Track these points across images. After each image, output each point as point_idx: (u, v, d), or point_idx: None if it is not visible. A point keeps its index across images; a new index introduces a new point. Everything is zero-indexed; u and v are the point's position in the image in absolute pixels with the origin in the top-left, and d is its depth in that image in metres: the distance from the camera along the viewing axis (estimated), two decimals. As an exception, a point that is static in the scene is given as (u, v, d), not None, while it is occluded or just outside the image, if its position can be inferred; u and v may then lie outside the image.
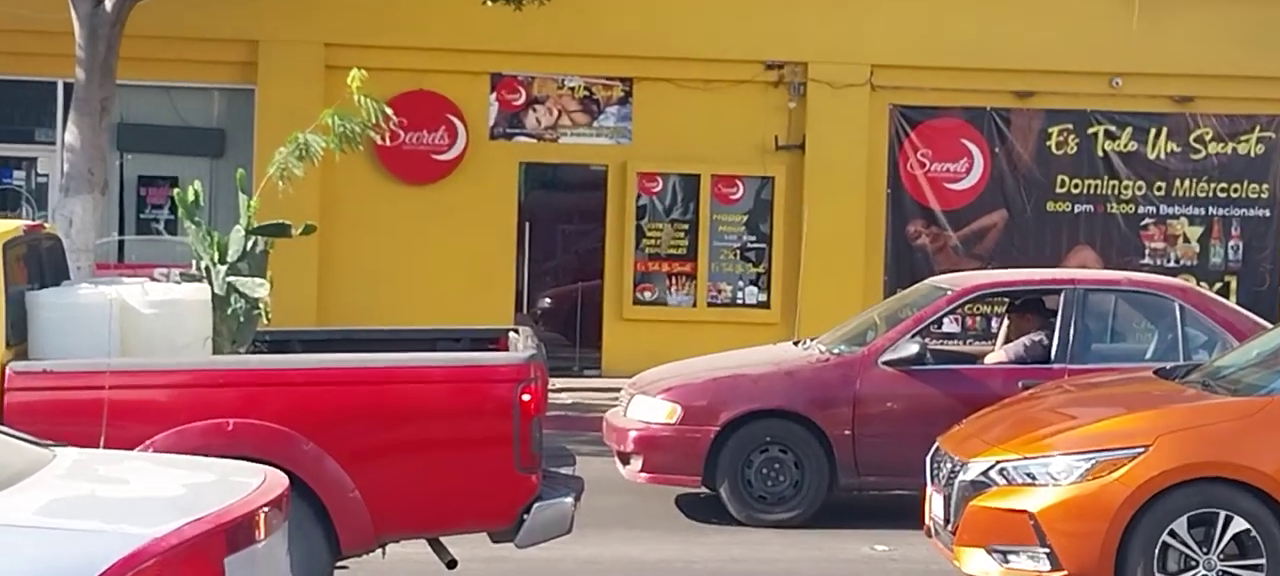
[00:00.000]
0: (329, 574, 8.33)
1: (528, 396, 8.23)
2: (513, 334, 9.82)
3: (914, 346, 12.15)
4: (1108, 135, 20.25)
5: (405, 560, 9.45)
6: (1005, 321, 13.44)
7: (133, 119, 19.74)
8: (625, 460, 12.43)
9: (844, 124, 19.87)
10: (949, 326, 18.11)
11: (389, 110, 10.14)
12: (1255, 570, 8.67)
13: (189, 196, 9.58)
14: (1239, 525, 8.63)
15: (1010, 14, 19.93)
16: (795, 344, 13.41)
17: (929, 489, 9.64)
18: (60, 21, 16.27)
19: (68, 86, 17.18)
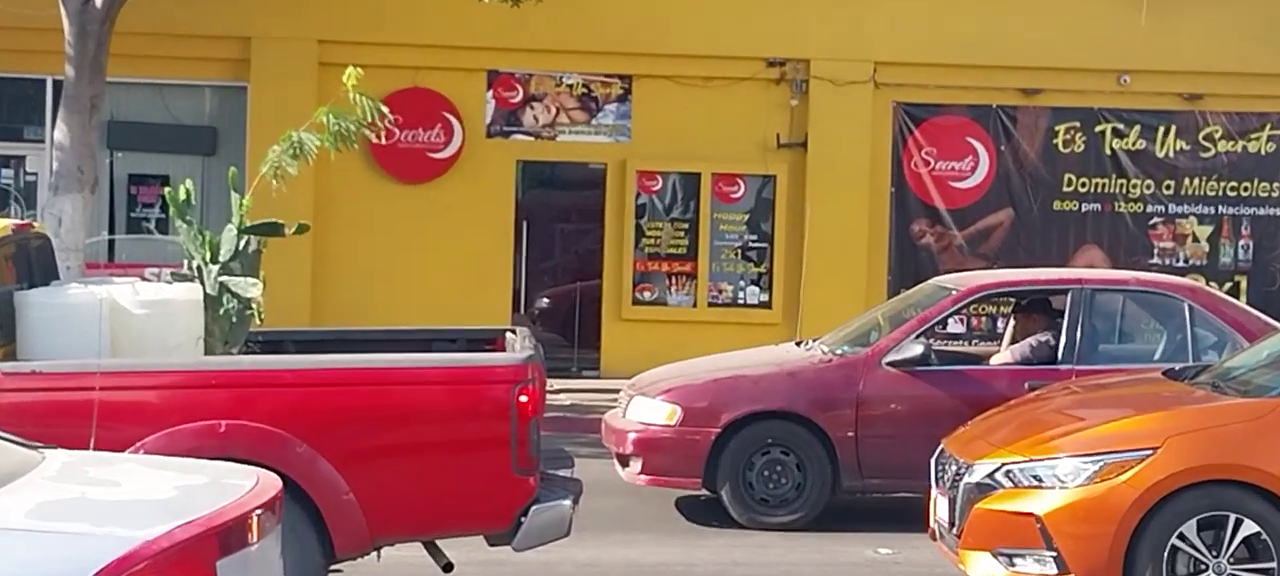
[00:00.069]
0: (323, 578, 8.31)
1: (525, 398, 8.18)
2: (510, 334, 9.78)
3: (918, 347, 12.09)
4: (1115, 133, 20.20)
5: (400, 564, 9.39)
6: (1011, 322, 13.39)
7: (123, 116, 19.72)
8: (624, 462, 12.37)
9: (847, 122, 19.83)
10: (954, 327, 18.19)
11: (385, 108, 10.08)
12: (1266, 574, 8.62)
13: (180, 195, 9.55)
14: (1249, 528, 8.58)
15: (1016, 9, 19.93)
16: (797, 344, 13.41)
17: (934, 491, 9.59)
18: (49, 18, 16.21)
19: (57, 83, 17.25)
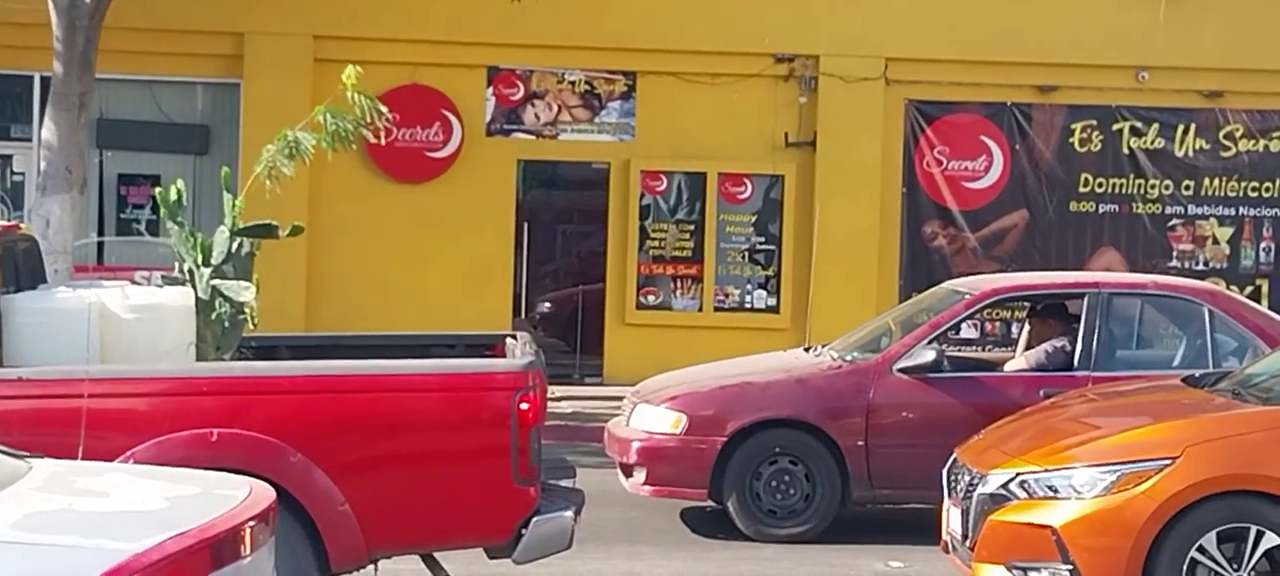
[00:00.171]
0: (318, 590, 8.28)
1: (526, 405, 8.14)
2: (510, 340, 9.74)
3: (930, 353, 12.03)
4: (1133, 132, 20.12)
5: (398, 577, 9.34)
6: (1026, 327, 13.32)
7: (113, 114, 19.65)
8: (628, 472, 12.31)
9: (857, 120, 19.77)
10: (967, 332, 18.21)
11: (384, 108, 10.08)
12: (1288, 587, 8.63)
13: (171, 195, 9.53)
14: (1271, 540, 8.54)
15: (1031, 4, 19.90)
16: (806, 350, 13.38)
17: (946, 502, 9.55)
18: (37, 13, 16.20)
19: (45, 81, 17.17)
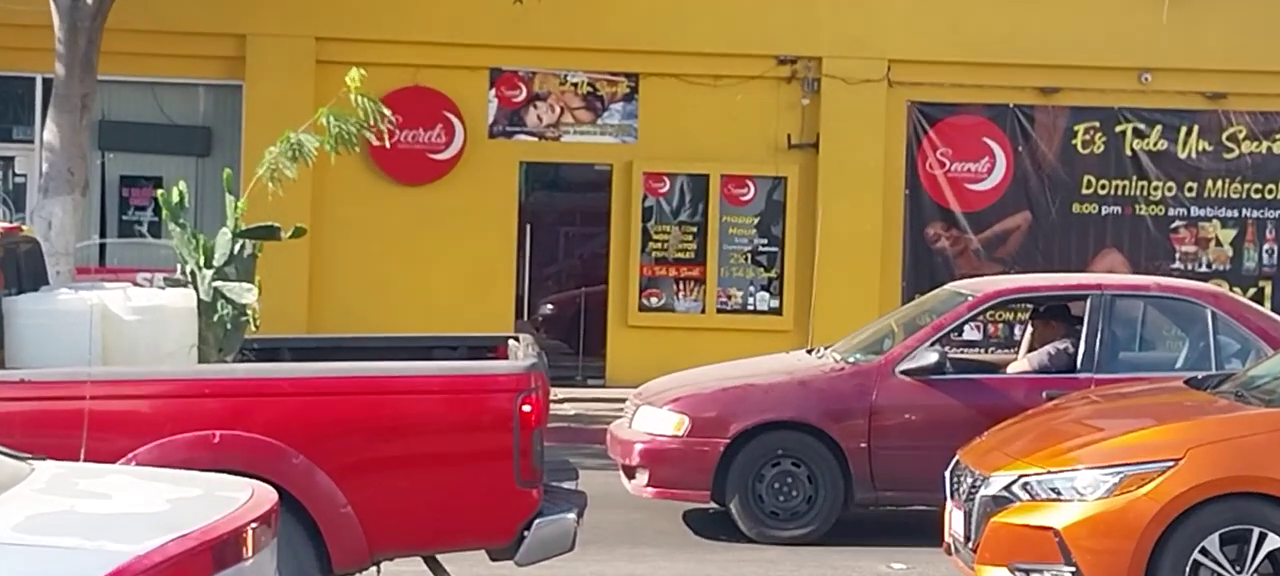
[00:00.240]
0: (321, 592, 8.27)
1: (528, 407, 8.14)
2: (513, 342, 9.72)
3: (933, 355, 12.01)
4: (1136, 133, 20.09)
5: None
6: (1029, 329, 13.29)
7: (115, 116, 19.63)
8: (631, 474, 12.30)
9: (860, 122, 19.74)
10: (970, 334, 18.20)
11: (387, 111, 10.07)
12: (1291, 590, 8.64)
13: (173, 197, 9.48)
14: (1274, 542, 8.54)
15: (1034, 6, 19.86)
16: (809, 352, 13.31)
17: (948, 504, 9.54)
18: (39, 14, 16.20)
19: (47, 82, 17.17)
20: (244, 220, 9.41)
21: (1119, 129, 19.98)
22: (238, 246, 9.31)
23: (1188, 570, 8.49)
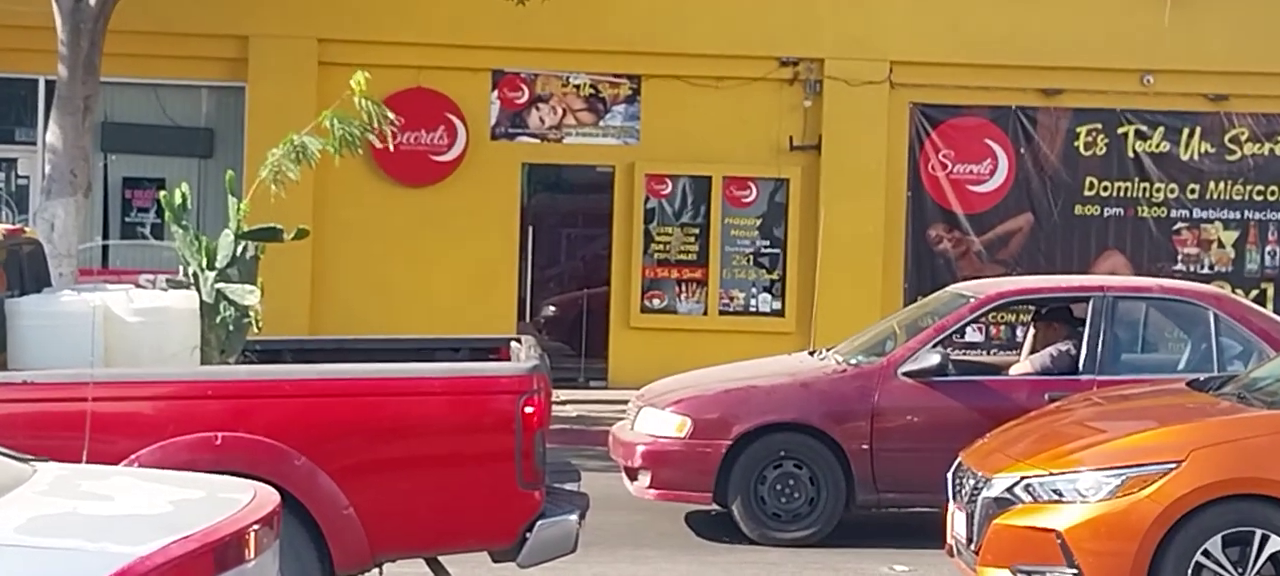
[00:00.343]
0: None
1: (530, 409, 8.14)
2: (515, 343, 9.72)
3: (935, 357, 12.00)
4: (1139, 135, 20.05)
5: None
6: (1031, 330, 13.28)
7: (117, 118, 19.63)
8: (633, 476, 12.29)
9: (862, 123, 19.71)
10: (972, 336, 18.09)
11: (391, 114, 10.07)
12: (1292, 591, 8.63)
13: (176, 199, 9.46)
14: (1276, 544, 8.54)
15: (1036, 8, 19.81)
16: (811, 354, 13.33)
17: (951, 506, 9.54)
18: (41, 15, 16.17)
19: (49, 84, 17.21)
20: (246, 222, 9.39)
21: (1121, 131, 19.93)
22: (240, 248, 9.30)
23: (1190, 572, 8.48)
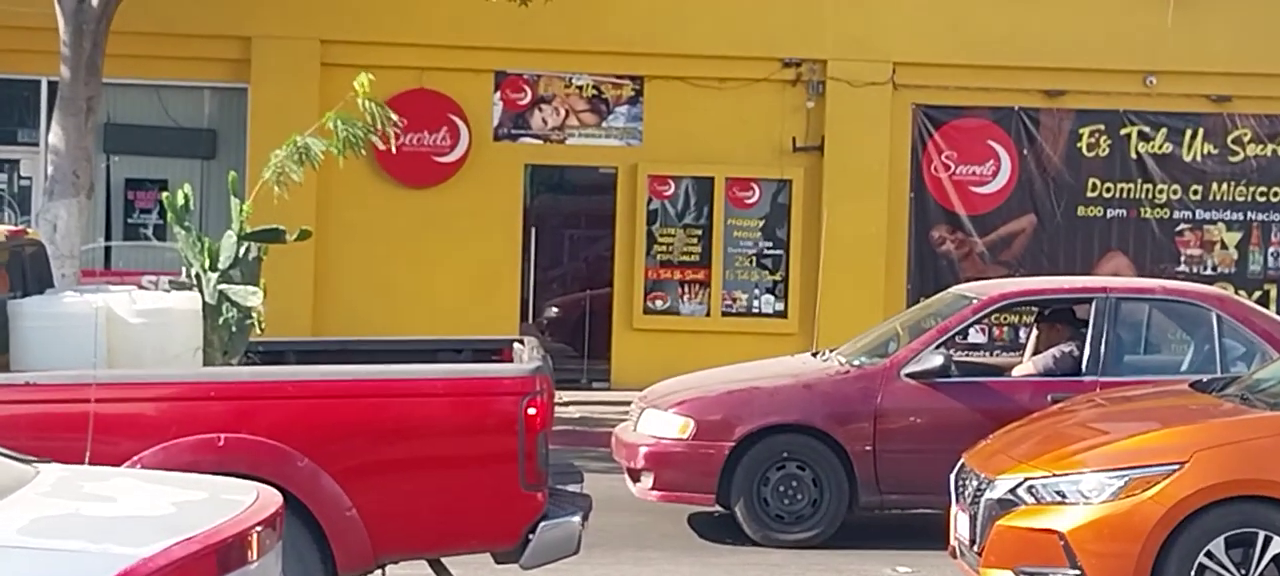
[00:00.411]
0: (325, 596, 8.25)
1: (533, 410, 8.13)
2: (517, 345, 9.71)
3: (938, 358, 11.97)
4: (1141, 136, 20.05)
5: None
6: (1034, 332, 13.28)
7: (120, 119, 19.63)
8: (635, 477, 12.27)
9: (865, 124, 19.70)
10: (975, 337, 18.15)
11: (395, 116, 10.08)
12: (1296, 593, 8.62)
13: (179, 200, 9.45)
14: (1279, 546, 8.53)
15: (1039, 9, 19.82)
16: (814, 355, 13.33)
17: (954, 507, 9.53)
18: (44, 17, 16.15)
19: (52, 85, 17.16)
20: (249, 223, 9.37)
21: (1124, 132, 19.93)
22: (243, 249, 9.28)
23: (1193, 573, 8.47)
